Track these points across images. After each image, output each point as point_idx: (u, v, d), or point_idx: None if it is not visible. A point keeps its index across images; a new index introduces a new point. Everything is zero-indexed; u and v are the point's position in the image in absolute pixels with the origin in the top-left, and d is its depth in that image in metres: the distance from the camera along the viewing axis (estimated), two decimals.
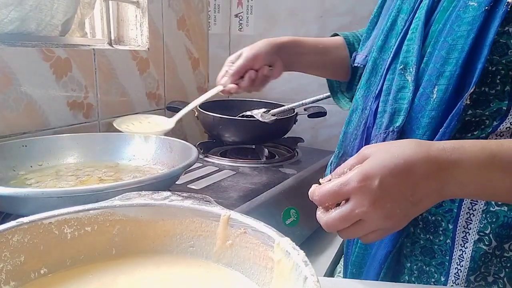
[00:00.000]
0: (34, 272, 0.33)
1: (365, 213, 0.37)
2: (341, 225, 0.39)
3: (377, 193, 0.37)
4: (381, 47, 0.57)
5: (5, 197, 0.47)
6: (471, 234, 0.47)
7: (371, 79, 0.57)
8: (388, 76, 0.53)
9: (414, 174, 0.37)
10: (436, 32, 0.48)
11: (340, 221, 0.39)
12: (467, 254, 0.47)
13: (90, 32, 1.00)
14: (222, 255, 0.37)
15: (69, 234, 0.35)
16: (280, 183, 0.79)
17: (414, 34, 0.50)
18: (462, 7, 0.45)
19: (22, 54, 0.73)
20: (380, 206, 0.37)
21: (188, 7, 1.16)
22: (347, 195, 0.38)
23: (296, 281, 0.29)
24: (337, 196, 0.39)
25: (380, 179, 0.37)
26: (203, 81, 1.28)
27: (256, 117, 0.93)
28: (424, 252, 0.51)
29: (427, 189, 0.38)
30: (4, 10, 0.73)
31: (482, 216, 0.47)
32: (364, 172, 0.38)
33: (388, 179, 0.37)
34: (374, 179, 0.37)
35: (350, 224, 0.39)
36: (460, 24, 0.45)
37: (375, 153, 0.39)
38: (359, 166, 0.39)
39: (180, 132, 1.18)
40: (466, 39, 0.44)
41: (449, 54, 0.45)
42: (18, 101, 0.73)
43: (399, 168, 0.37)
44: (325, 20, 1.19)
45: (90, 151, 0.74)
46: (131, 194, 0.39)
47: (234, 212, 0.36)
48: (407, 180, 0.37)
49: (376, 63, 0.57)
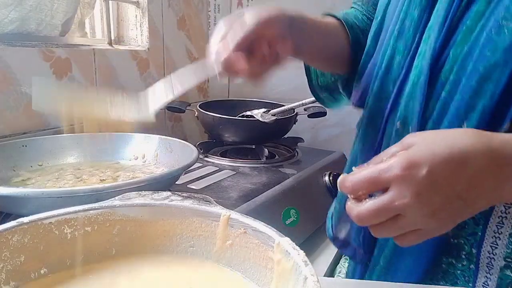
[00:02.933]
0: (34, 272, 0.33)
1: (406, 206, 0.32)
2: (376, 219, 0.34)
3: (424, 184, 0.32)
4: (377, 94, 0.49)
5: (5, 197, 0.47)
6: (497, 260, 0.42)
7: (368, 130, 0.51)
8: (387, 129, 0.47)
9: (470, 167, 0.32)
10: (460, 56, 0.40)
11: (375, 213, 0.33)
12: (492, 282, 0.42)
13: (90, 32, 1.00)
14: (222, 255, 0.37)
15: (69, 234, 0.35)
16: (280, 183, 0.79)
17: (415, 89, 0.43)
18: (494, 28, 0.38)
19: (22, 54, 0.73)
20: (425, 199, 0.32)
21: (188, 7, 1.16)
22: (387, 183, 0.33)
23: (296, 281, 0.29)
24: (375, 183, 0.33)
25: (429, 168, 0.32)
26: (203, 81, 1.28)
27: (256, 117, 0.93)
28: (446, 277, 0.46)
29: (484, 186, 0.33)
30: (4, 10, 0.73)
31: (509, 240, 0.41)
32: (410, 158, 0.32)
33: (438, 169, 0.32)
34: (421, 167, 0.32)
35: (386, 218, 0.34)
36: (494, 49, 0.38)
37: (424, 140, 0.34)
38: (403, 152, 0.33)
39: (180, 132, 1.18)
40: (503, 68, 0.37)
41: (481, 85, 0.38)
42: (18, 101, 0.73)
43: (452, 158, 0.32)
44: None
45: (90, 151, 0.74)
46: (131, 194, 0.39)
47: (234, 212, 0.36)
48: (461, 173, 0.32)
49: (372, 112, 0.50)
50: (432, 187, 0.32)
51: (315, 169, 0.92)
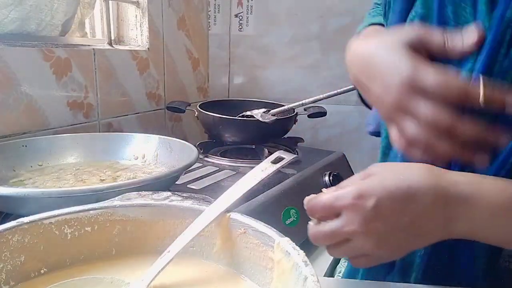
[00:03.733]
0: (34, 272, 0.33)
1: (354, 232, 0.35)
2: (327, 240, 0.37)
3: (370, 214, 0.34)
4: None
5: (5, 197, 0.47)
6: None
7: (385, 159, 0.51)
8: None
9: (416, 203, 0.34)
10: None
11: (326, 236, 0.36)
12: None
13: (90, 32, 1.00)
14: (222, 255, 0.37)
15: (69, 234, 0.35)
16: (280, 183, 0.79)
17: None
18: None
19: (22, 54, 0.73)
20: (371, 229, 0.34)
21: (188, 7, 1.16)
22: (339, 210, 0.36)
23: (296, 281, 0.29)
24: (328, 209, 0.36)
25: (377, 201, 0.34)
26: (203, 81, 1.28)
27: (256, 117, 0.93)
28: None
29: (431, 222, 0.34)
30: (4, 10, 0.73)
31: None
32: (361, 189, 0.35)
33: (384, 201, 0.34)
34: (369, 198, 0.34)
35: (336, 241, 0.36)
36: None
37: (380, 172, 0.36)
38: (360, 182, 0.36)
39: (180, 132, 1.18)
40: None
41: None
42: (18, 101, 0.73)
43: (400, 193, 0.34)
44: (325, 20, 1.19)
45: (90, 151, 0.74)
46: (131, 194, 0.39)
47: (234, 212, 0.36)
48: (406, 207, 0.34)
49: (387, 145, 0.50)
50: (378, 217, 0.34)
51: (315, 169, 0.92)
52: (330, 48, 1.21)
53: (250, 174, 0.40)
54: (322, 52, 1.22)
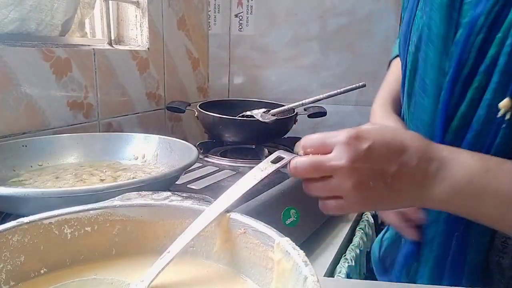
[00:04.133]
0: (34, 272, 0.33)
1: (339, 168, 0.35)
2: (310, 173, 0.37)
3: (362, 154, 0.35)
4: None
5: (5, 197, 0.47)
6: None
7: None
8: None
9: (406, 156, 0.36)
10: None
11: (309, 167, 0.37)
12: None
13: (90, 32, 1.00)
14: (222, 255, 0.37)
15: (69, 234, 0.35)
16: (280, 183, 0.79)
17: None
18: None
19: (22, 54, 0.73)
20: (357, 168, 0.35)
21: (188, 7, 1.16)
22: (331, 146, 0.36)
23: (296, 281, 0.29)
24: (322, 143, 0.37)
25: (371, 144, 0.35)
26: (203, 81, 1.28)
27: (256, 117, 0.93)
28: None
29: (411, 180, 0.37)
30: (4, 10, 0.73)
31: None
32: (359, 131, 0.36)
33: (379, 146, 0.36)
34: (365, 140, 0.36)
35: (319, 175, 0.37)
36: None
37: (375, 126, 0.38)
38: (357, 127, 0.37)
39: (180, 132, 1.18)
40: None
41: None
42: (18, 101, 0.73)
43: (394, 143, 0.36)
44: (325, 20, 1.19)
45: (90, 151, 0.74)
46: (131, 194, 0.39)
47: (234, 212, 0.36)
48: (397, 157, 0.36)
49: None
50: (368, 159, 0.36)
51: None
52: (330, 48, 1.21)
53: (250, 174, 0.40)
54: (322, 52, 1.22)
